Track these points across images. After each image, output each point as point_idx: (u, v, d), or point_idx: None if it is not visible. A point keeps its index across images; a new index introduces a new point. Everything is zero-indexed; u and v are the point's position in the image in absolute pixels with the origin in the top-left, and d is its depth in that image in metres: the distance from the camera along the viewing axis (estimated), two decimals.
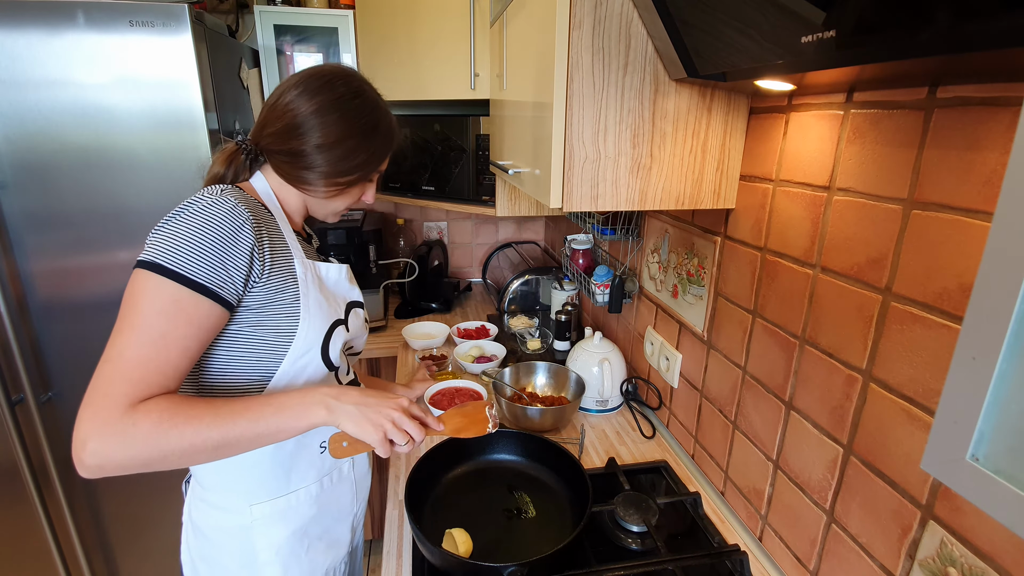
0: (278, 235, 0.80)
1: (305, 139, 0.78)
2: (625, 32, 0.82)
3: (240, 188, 0.79)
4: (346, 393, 0.74)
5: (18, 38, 1.30)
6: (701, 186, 0.93)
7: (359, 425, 0.72)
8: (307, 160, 0.79)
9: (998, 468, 0.33)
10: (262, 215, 0.77)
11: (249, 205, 0.74)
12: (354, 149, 0.80)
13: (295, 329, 0.79)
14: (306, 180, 0.81)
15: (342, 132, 0.79)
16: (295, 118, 0.77)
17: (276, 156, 0.81)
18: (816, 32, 0.48)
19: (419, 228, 2.40)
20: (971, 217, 0.56)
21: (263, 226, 0.75)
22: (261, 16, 1.78)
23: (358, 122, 0.80)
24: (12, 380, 1.46)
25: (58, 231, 1.43)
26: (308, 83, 0.79)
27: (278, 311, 0.77)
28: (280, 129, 0.79)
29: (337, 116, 0.78)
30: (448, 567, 0.86)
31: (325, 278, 0.87)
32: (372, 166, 0.84)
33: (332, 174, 0.81)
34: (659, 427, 1.36)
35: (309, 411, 0.71)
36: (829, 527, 0.80)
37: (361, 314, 0.97)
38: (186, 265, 0.66)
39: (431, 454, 1.05)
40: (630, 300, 1.50)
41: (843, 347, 0.75)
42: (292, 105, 0.78)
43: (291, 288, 0.78)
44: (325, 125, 0.78)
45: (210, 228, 0.68)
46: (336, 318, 0.86)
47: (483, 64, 1.55)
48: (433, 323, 1.91)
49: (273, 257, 0.76)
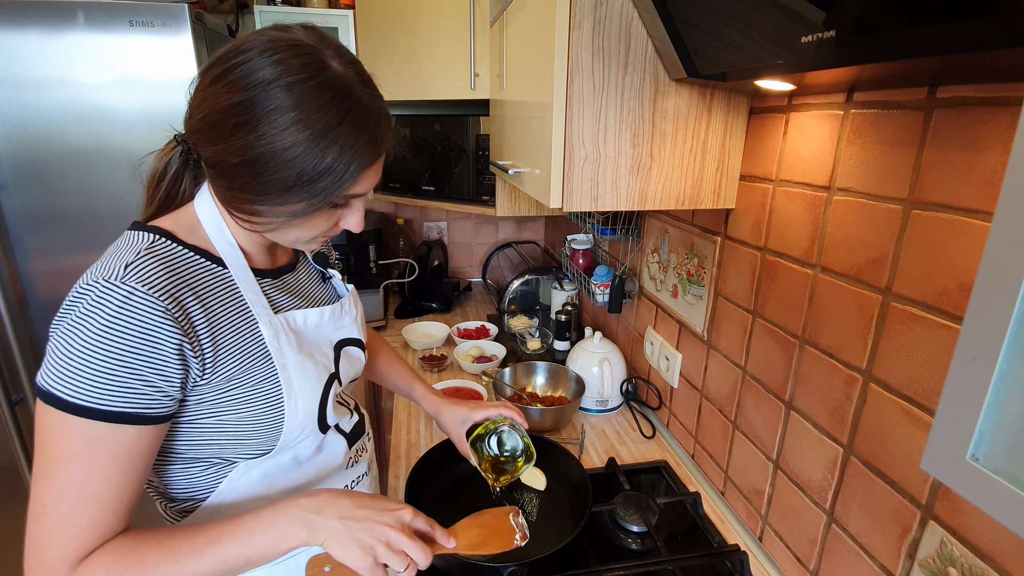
0: (228, 297, 0.62)
1: (224, 146, 0.53)
2: (625, 32, 0.82)
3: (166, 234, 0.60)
4: (331, 503, 0.59)
5: (18, 38, 1.30)
6: (701, 186, 0.93)
7: (344, 547, 0.58)
8: (232, 178, 0.55)
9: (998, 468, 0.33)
10: (198, 276, 0.59)
11: (174, 268, 0.57)
12: (296, 163, 0.53)
13: (279, 413, 0.64)
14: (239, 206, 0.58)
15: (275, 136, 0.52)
16: (210, 115, 0.54)
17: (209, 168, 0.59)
18: (816, 32, 0.48)
19: (419, 228, 2.40)
20: (971, 217, 0.56)
21: (199, 297, 0.58)
22: (261, 16, 1.78)
23: (302, 120, 0.52)
24: (12, 380, 1.46)
25: (58, 231, 1.43)
26: (233, 57, 0.54)
27: (243, 397, 0.61)
28: (201, 122, 0.55)
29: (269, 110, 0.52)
30: (448, 567, 0.86)
31: (303, 328, 0.69)
32: (333, 187, 0.56)
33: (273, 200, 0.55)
34: (659, 427, 1.36)
35: (286, 534, 0.57)
36: (829, 527, 0.80)
37: (356, 353, 0.79)
38: (92, 394, 0.51)
39: (431, 454, 1.05)
40: (630, 300, 1.50)
41: (843, 347, 0.75)
42: (209, 95, 0.54)
43: (257, 363, 0.62)
44: (247, 126, 0.52)
45: (115, 339, 0.51)
46: (327, 375, 0.70)
47: (483, 64, 1.55)
48: (433, 323, 1.91)
49: (223, 337, 0.60)
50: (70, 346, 0.51)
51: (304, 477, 0.72)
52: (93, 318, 0.51)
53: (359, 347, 0.80)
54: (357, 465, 0.81)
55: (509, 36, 1.18)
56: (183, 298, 0.56)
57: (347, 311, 0.78)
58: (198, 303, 0.58)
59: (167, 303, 0.54)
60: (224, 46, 0.56)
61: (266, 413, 0.63)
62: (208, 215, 0.63)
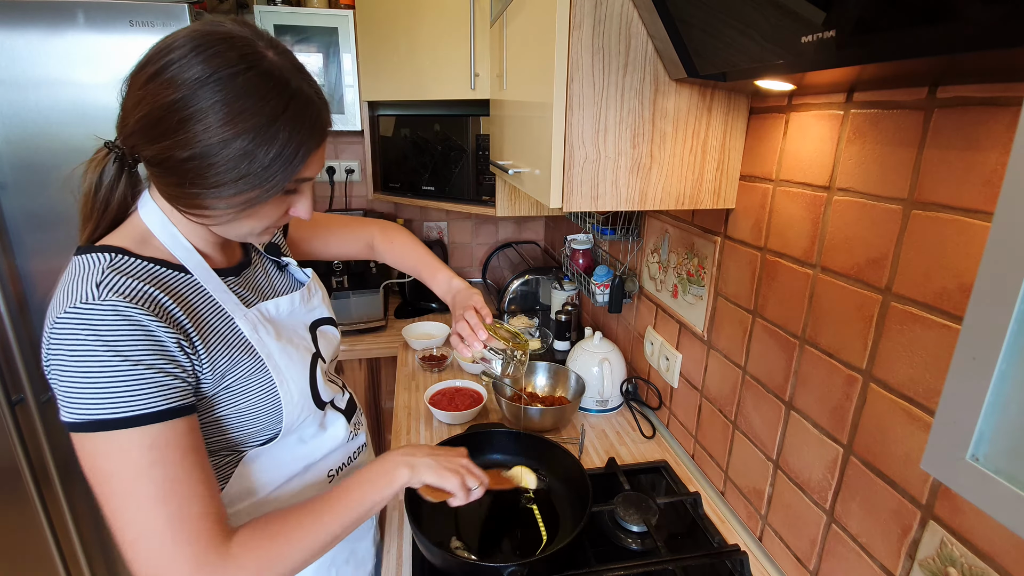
0: (201, 299, 0.63)
1: (170, 141, 0.53)
2: (625, 32, 0.82)
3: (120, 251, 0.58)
4: (417, 448, 0.75)
5: (18, 38, 1.30)
6: (701, 186, 0.93)
7: (440, 475, 0.73)
8: (180, 173, 0.55)
9: (998, 468, 0.33)
10: (166, 285, 0.59)
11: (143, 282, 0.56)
12: (245, 151, 0.54)
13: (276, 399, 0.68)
14: (191, 203, 0.57)
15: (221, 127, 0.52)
16: (152, 112, 0.53)
17: (151, 168, 0.58)
18: (816, 32, 0.48)
19: (419, 228, 2.40)
20: (971, 217, 0.56)
21: (173, 303, 0.58)
22: (261, 16, 1.78)
23: (247, 109, 0.53)
24: (12, 380, 1.46)
25: (58, 231, 1.43)
26: (168, 53, 0.53)
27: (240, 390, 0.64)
28: (142, 121, 0.54)
29: (222, 98, 0.52)
30: (448, 567, 0.86)
31: (277, 317, 0.73)
32: (282, 171, 0.57)
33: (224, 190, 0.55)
34: (659, 427, 1.36)
35: (394, 476, 0.70)
36: (829, 527, 0.80)
37: (331, 331, 0.84)
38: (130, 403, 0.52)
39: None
40: (630, 300, 1.50)
41: (843, 347, 0.75)
42: (149, 92, 0.53)
43: (243, 357, 0.65)
44: (202, 114, 0.52)
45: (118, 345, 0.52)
46: (310, 355, 0.74)
47: (483, 64, 1.55)
48: (433, 323, 1.91)
49: (203, 335, 0.60)
50: (86, 371, 0.51)
51: (311, 456, 0.77)
52: (91, 338, 0.51)
53: (332, 324, 0.86)
54: (357, 437, 0.88)
55: (509, 36, 1.18)
56: (163, 304, 0.57)
57: (314, 293, 0.83)
58: (178, 308, 0.58)
59: (151, 309, 0.55)
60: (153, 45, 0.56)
61: (263, 402, 0.67)
62: (158, 223, 0.63)
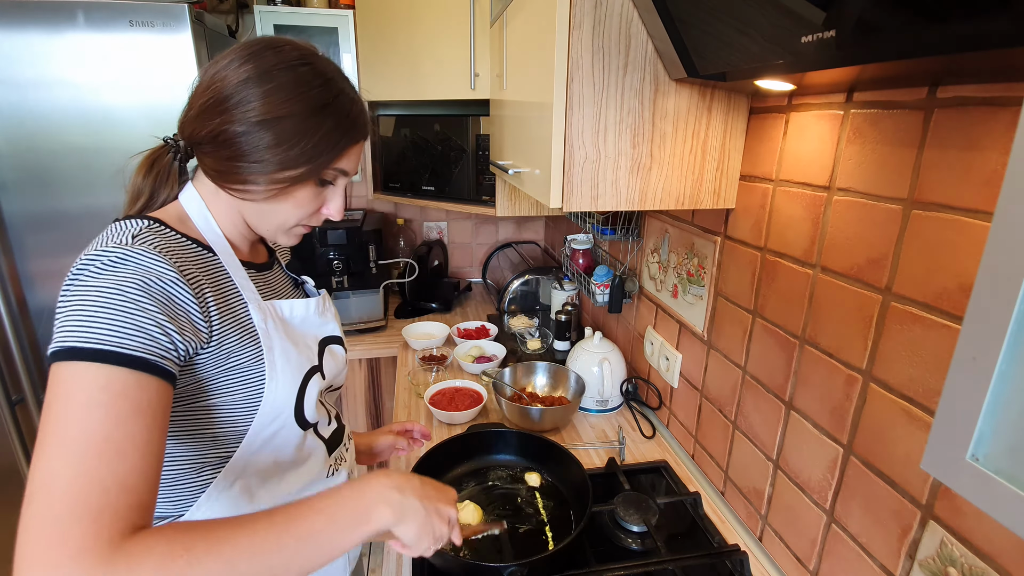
0: (221, 278, 0.64)
1: (231, 116, 0.59)
2: (625, 32, 0.82)
3: (158, 221, 0.61)
4: (408, 481, 0.59)
5: (18, 38, 1.30)
6: (701, 186, 0.93)
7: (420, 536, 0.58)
8: (234, 146, 0.60)
9: (998, 468, 0.33)
10: (193, 257, 0.61)
11: (173, 247, 0.58)
12: (296, 130, 0.60)
13: (260, 392, 0.65)
14: (237, 176, 0.62)
15: (278, 106, 0.59)
16: (221, 91, 0.60)
17: (201, 148, 0.63)
18: (816, 32, 0.48)
19: (419, 228, 2.40)
20: (971, 217, 0.56)
21: (198, 274, 0.60)
22: (261, 16, 1.78)
23: (301, 94, 0.60)
24: (12, 380, 1.46)
25: (58, 231, 1.43)
26: (241, 50, 0.62)
27: (238, 374, 0.63)
28: (203, 106, 0.61)
29: (274, 86, 0.60)
30: (448, 567, 0.86)
31: (290, 319, 0.72)
32: (322, 156, 0.63)
33: (269, 164, 0.61)
34: (659, 427, 1.36)
35: (372, 513, 0.54)
36: (829, 527, 0.80)
37: (339, 351, 0.81)
38: (109, 336, 0.48)
39: (431, 454, 1.05)
40: (630, 300, 1.50)
41: (843, 347, 0.75)
42: (219, 76, 0.61)
43: (248, 343, 0.64)
44: (256, 97, 0.59)
45: (128, 284, 0.51)
46: (309, 366, 0.71)
47: (483, 64, 1.55)
48: (433, 323, 1.91)
49: (220, 311, 0.61)
50: (83, 301, 0.49)
51: (285, 491, 0.71)
52: (109, 273, 0.51)
53: (341, 345, 0.83)
54: (337, 475, 0.80)
55: (509, 36, 1.18)
56: (187, 269, 0.58)
57: (328, 309, 0.82)
58: (201, 276, 0.60)
59: (178, 266, 0.56)
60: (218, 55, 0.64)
61: (247, 389, 0.64)
62: (196, 208, 0.67)
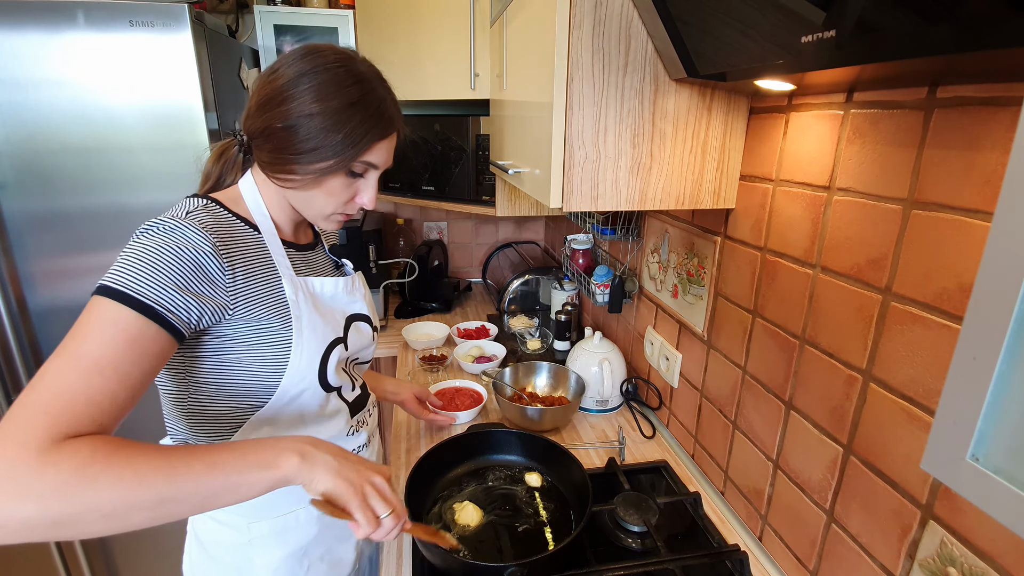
0: (259, 254, 0.73)
1: (273, 114, 0.70)
2: (625, 32, 0.82)
3: (216, 201, 0.73)
4: (324, 444, 0.64)
5: (18, 38, 1.30)
6: (701, 186, 0.93)
7: (335, 480, 0.61)
8: (276, 140, 0.70)
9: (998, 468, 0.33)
10: (237, 234, 0.71)
11: (221, 225, 0.69)
12: (324, 127, 0.69)
13: (287, 356, 0.74)
14: (280, 166, 0.72)
15: (315, 101, 0.68)
16: (267, 93, 0.71)
17: (256, 141, 0.74)
18: (816, 32, 0.48)
19: (419, 228, 2.40)
20: (971, 217, 0.56)
21: (237, 248, 0.69)
22: (261, 16, 1.78)
23: (331, 94, 0.69)
24: (12, 380, 1.46)
25: (58, 231, 1.43)
26: (289, 56, 0.72)
27: (267, 338, 0.72)
28: (257, 104, 0.72)
29: (313, 84, 0.69)
30: (448, 567, 0.86)
31: (320, 294, 0.81)
32: (350, 150, 0.71)
33: (305, 157, 0.70)
34: (659, 427, 1.36)
35: (279, 458, 0.59)
36: (829, 527, 0.80)
37: (365, 328, 0.90)
38: (134, 284, 0.58)
39: (431, 454, 1.05)
40: (630, 300, 1.50)
41: (843, 347, 0.75)
42: (266, 80, 0.72)
43: (279, 312, 0.73)
44: (298, 95, 0.69)
45: (167, 249, 0.61)
46: (334, 337, 0.80)
47: (483, 64, 1.55)
48: (433, 323, 1.91)
49: (250, 282, 0.70)
50: (128, 253, 0.61)
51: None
52: (156, 236, 0.62)
53: (369, 324, 0.91)
54: (358, 434, 0.89)
55: (509, 36, 1.18)
56: (225, 244, 0.68)
57: (357, 288, 0.90)
58: (236, 251, 0.69)
59: (214, 240, 0.65)
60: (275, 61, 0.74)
61: (275, 352, 0.73)
62: (249, 192, 0.77)
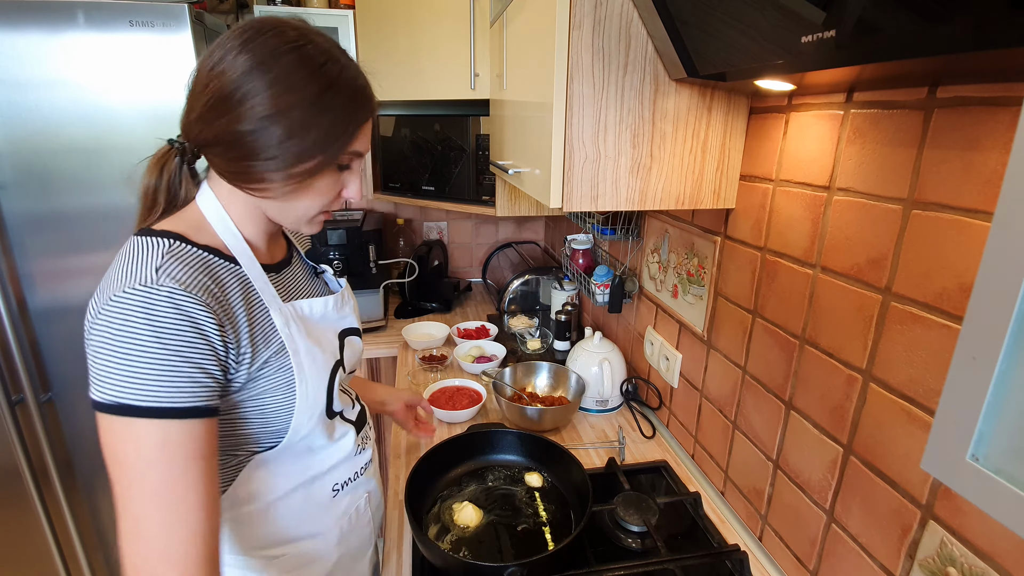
0: (243, 290, 0.63)
1: (237, 114, 0.57)
2: (625, 32, 0.82)
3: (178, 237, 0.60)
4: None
5: (18, 38, 1.30)
6: (701, 186, 0.93)
7: None
8: (246, 145, 0.58)
9: (998, 468, 0.33)
10: (217, 275, 0.60)
11: (196, 272, 0.57)
12: (308, 117, 0.58)
13: (292, 397, 0.66)
14: (252, 176, 0.60)
15: (283, 96, 0.56)
16: (222, 88, 0.57)
17: (210, 150, 0.61)
18: (816, 32, 0.48)
19: (419, 228, 2.40)
20: (971, 217, 0.56)
21: (223, 292, 0.60)
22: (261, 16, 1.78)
23: (305, 78, 0.57)
24: (12, 380, 1.46)
25: (58, 231, 1.43)
26: (235, 38, 0.58)
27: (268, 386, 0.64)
28: (205, 106, 0.58)
29: (276, 75, 0.56)
30: (448, 567, 0.86)
31: (310, 316, 0.73)
32: (337, 141, 0.61)
33: (283, 160, 0.59)
34: (659, 427, 1.36)
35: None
36: (829, 527, 0.80)
37: (356, 341, 0.84)
38: (158, 394, 0.52)
39: (431, 454, 1.05)
40: (630, 300, 1.50)
41: (843, 347, 0.75)
42: (216, 71, 0.57)
43: (275, 354, 0.65)
44: (259, 90, 0.56)
45: (165, 335, 0.52)
46: (334, 361, 0.73)
47: (483, 64, 1.55)
48: (433, 323, 1.91)
49: (252, 327, 0.62)
50: (126, 353, 0.52)
51: (318, 466, 0.75)
52: (142, 321, 0.52)
53: (358, 335, 0.85)
54: (364, 452, 0.85)
55: (509, 36, 1.18)
56: (213, 293, 0.58)
57: (347, 302, 0.83)
58: (223, 296, 0.60)
59: (203, 298, 0.56)
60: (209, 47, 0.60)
61: (282, 399, 0.66)
62: (213, 211, 0.65)
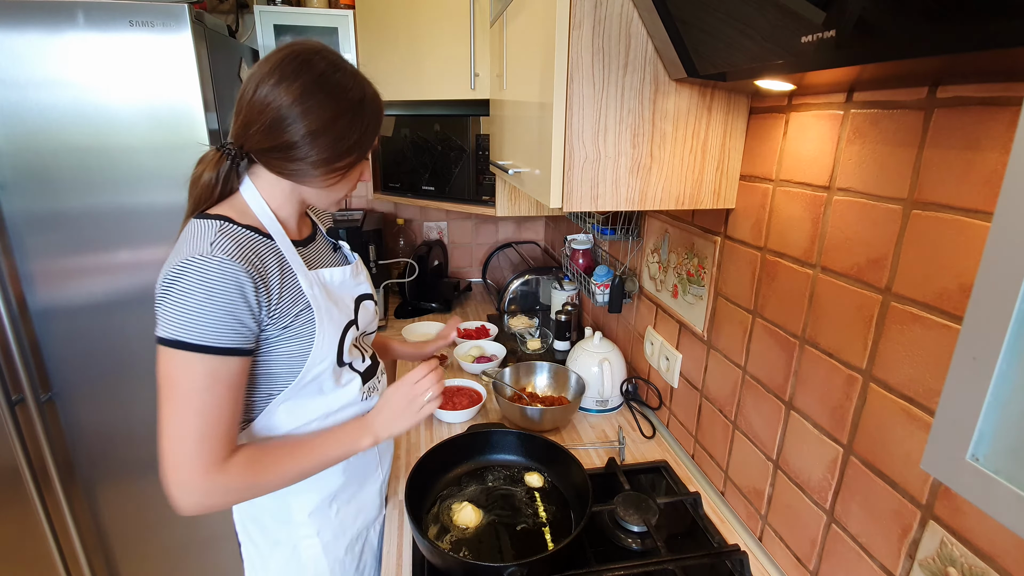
0: (278, 260, 0.79)
1: (293, 130, 0.75)
2: (625, 32, 0.82)
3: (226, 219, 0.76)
4: (377, 413, 0.88)
5: (18, 38, 1.30)
6: (701, 186, 0.93)
7: (400, 426, 0.87)
8: (300, 151, 0.76)
9: (998, 468, 0.33)
10: (257, 249, 0.76)
11: (242, 245, 0.73)
12: (347, 128, 0.77)
13: (311, 344, 0.82)
14: (303, 172, 0.79)
15: (331, 113, 0.75)
16: (278, 111, 0.74)
17: (267, 155, 0.78)
18: (816, 32, 0.48)
19: (419, 228, 2.40)
20: (971, 217, 0.56)
21: (261, 262, 0.75)
22: (261, 16, 1.78)
23: (345, 98, 0.76)
24: (12, 380, 1.46)
25: (58, 231, 1.43)
26: (282, 69, 0.74)
27: (293, 332, 0.80)
28: (265, 125, 0.75)
29: (322, 97, 0.74)
30: (448, 567, 0.86)
31: (330, 283, 0.88)
32: (368, 142, 0.81)
33: (330, 160, 0.78)
34: (659, 427, 1.36)
35: (359, 442, 0.85)
36: (829, 527, 0.80)
37: (370, 305, 0.99)
38: (207, 335, 0.69)
39: (431, 454, 1.05)
40: (630, 300, 1.50)
41: (843, 347, 0.75)
42: (270, 97, 0.74)
43: (302, 311, 0.80)
44: (311, 110, 0.74)
45: (215, 293, 0.69)
46: (347, 321, 0.88)
47: (483, 64, 1.55)
48: (433, 323, 1.91)
49: (281, 289, 0.77)
50: (188, 303, 0.69)
51: (327, 406, 0.89)
52: (200, 282, 0.69)
53: (372, 300, 1.01)
54: (370, 399, 0.96)
55: (509, 36, 1.18)
56: (253, 262, 0.73)
57: (360, 271, 0.99)
58: (261, 266, 0.75)
59: (245, 267, 0.71)
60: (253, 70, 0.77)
61: (302, 344, 0.82)
62: (253, 200, 0.82)
